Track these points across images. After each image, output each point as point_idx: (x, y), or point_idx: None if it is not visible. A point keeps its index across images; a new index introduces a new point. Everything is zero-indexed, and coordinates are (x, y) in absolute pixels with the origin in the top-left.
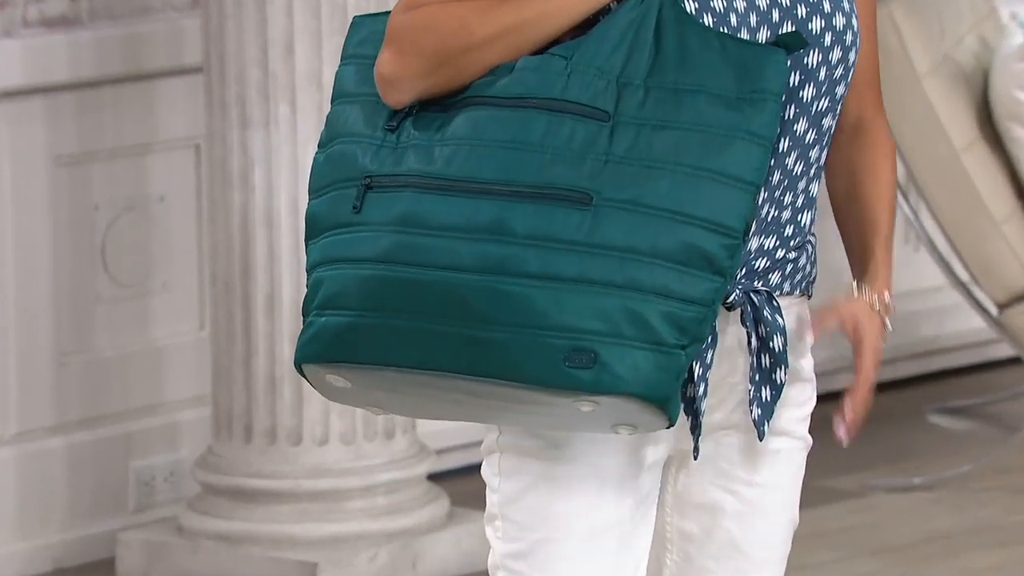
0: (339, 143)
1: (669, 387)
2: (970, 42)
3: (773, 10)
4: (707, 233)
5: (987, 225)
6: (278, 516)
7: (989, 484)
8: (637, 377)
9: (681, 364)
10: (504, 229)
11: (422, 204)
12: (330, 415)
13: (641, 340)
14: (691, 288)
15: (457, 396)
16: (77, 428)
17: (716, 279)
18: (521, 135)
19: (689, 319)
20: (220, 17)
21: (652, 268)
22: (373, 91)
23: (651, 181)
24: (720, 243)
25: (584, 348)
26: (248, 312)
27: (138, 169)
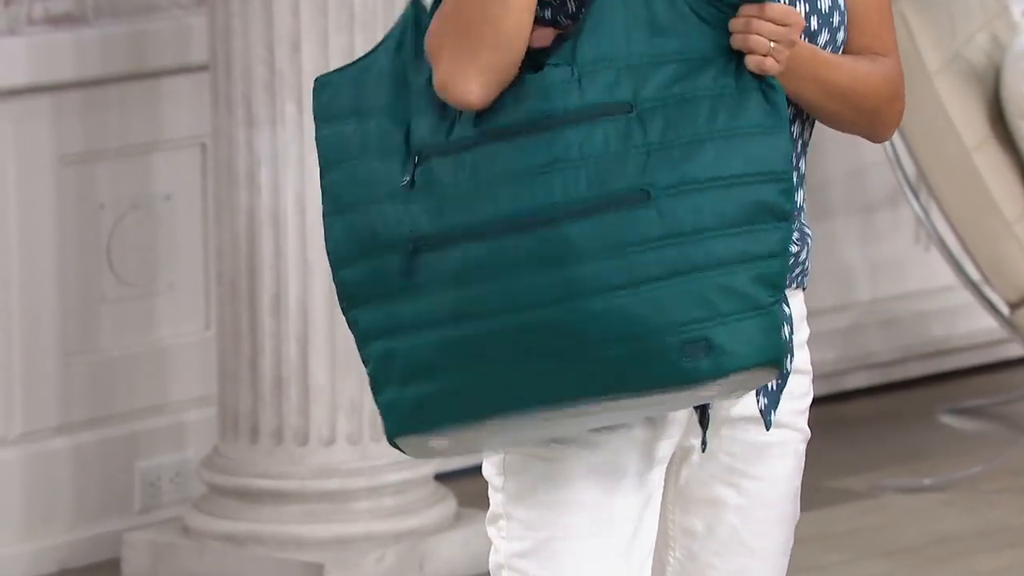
0: (358, 213)
1: (780, 344)
2: (981, 40)
3: None
4: (762, 185)
5: (998, 225)
6: (284, 517)
7: (1000, 485)
8: (752, 348)
9: (780, 317)
10: (573, 252)
11: (478, 252)
12: (337, 416)
13: (742, 310)
14: (766, 243)
15: (564, 419)
16: (82, 428)
17: (782, 225)
18: (559, 155)
19: (775, 273)
20: (226, 15)
21: (726, 239)
22: (370, 148)
23: (695, 156)
24: (776, 190)
25: (695, 339)
26: (254, 312)
27: (144, 168)
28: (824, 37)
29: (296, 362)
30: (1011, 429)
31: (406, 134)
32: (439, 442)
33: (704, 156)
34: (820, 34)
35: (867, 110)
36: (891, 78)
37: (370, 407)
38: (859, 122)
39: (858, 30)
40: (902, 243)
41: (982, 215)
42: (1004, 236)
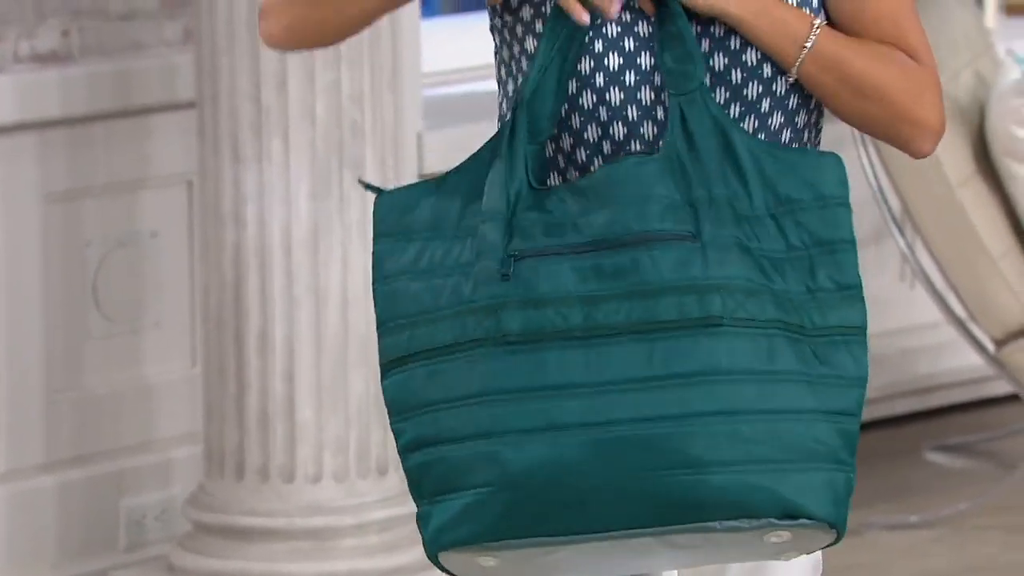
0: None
1: (847, 509)
2: (966, 78)
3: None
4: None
5: (984, 261)
6: (271, 555)
7: (987, 522)
8: (825, 503)
9: (853, 482)
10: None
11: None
12: (323, 453)
13: (826, 462)
14: (845, 402)
15: (623, 548)
16: (68, 466)
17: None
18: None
19: (854, 432)
20: (213, 52)
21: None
22: (436, 263)
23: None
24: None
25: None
26: (240, 349)
27: (130, 205)
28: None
29: (282, 399)
30: (997, 466)
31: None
32: (488, 560)
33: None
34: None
35: (882, 102)
36: (915, 74)
37: (356, 444)
38: (879, 117)
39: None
40: (887, 280)
41: (967, 252)
42: (989, 273)
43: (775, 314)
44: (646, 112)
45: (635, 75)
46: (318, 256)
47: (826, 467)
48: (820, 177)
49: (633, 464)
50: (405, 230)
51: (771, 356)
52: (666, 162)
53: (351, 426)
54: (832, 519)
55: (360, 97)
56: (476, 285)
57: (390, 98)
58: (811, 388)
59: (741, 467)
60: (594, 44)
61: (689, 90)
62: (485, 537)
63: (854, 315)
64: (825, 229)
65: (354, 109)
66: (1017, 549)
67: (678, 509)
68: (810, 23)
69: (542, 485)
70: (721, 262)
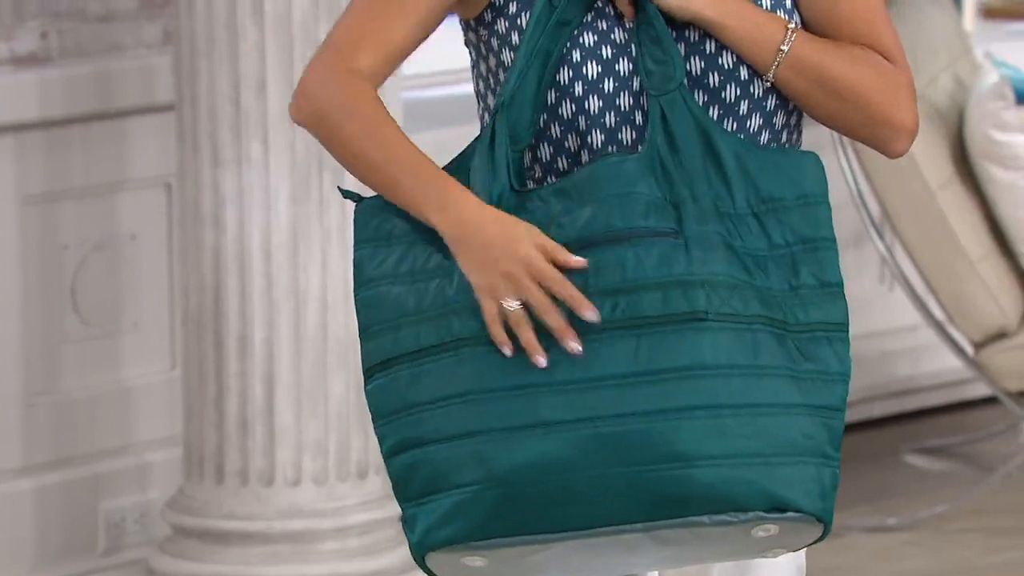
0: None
1: (833, 503)
2: (945, 81)
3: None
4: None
5: (963, 264)
6: (250, 558)
7: (965, 525)
8: (813, 497)
9: (838, 477)
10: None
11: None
12: (302, 456)
13: (813, 456)
14: (831, 398)
15: (612, 545)
16: (46, 470)
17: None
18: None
19: (838, 428)
20: (192, 54)
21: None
22: (414, 267)
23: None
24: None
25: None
26: (220, 352)
27: (108, 208)
28: (734, 92)
29: (262, 402)
30: (975, 469)
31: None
32: (475, 559)
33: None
34: (724, 90)
35: (857, 103)
36: (890, 76)
37: (336, 447)
38: (855, 119)
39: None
40: (867, 282)
41: (946, 255)
42: (968, 276)
43: (759, 310)
44: (624, 118)
45: (614, 82)
46: (298, 259)
47: (812, 461)
48: (801, 176)
49: (620, 459)
50: (386, 236)
51: (756, 351)
52: (647, 160)
53: (331, 429)
54: (819, 512)
55: None
56: (459, 286)
57: None
58: (796, 383)
59: (728, 461)
60: (572, 54)
61: (669, 90)
62: (473, 536)
63: (836, 312)
64: (807, 227)
65: None
66: (995, 552)
67: (666, 504)
68: (785, 27)
69: (530, 482)
70: (704, 258)
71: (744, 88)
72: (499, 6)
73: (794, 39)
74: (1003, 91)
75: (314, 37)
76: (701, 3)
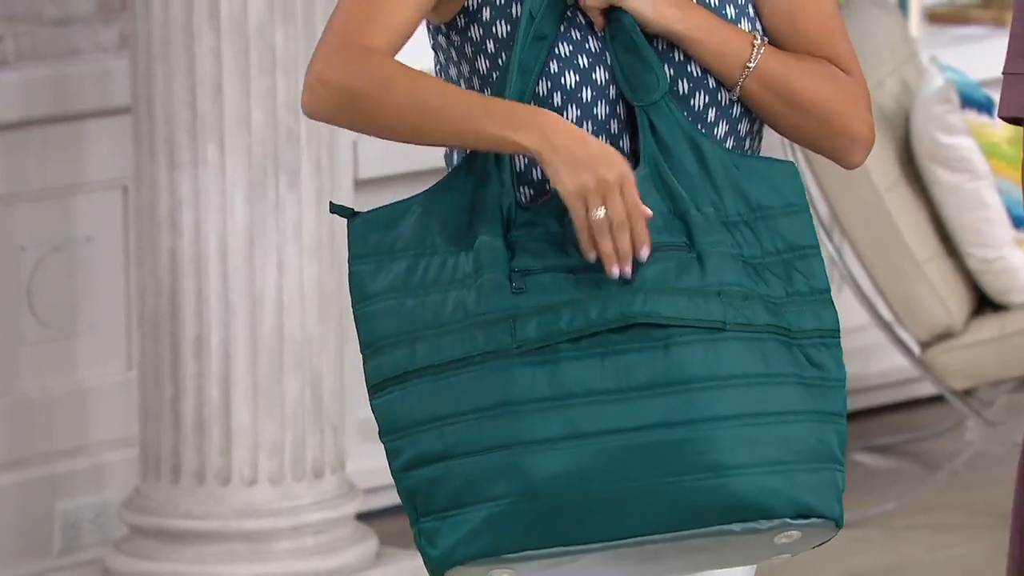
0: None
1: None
2: (891, 85)
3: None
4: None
5: (909, 266)
6: (206, 557)
7: (912, 522)
8: (830, 501)
9: (844, 480)
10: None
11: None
12: (258, 456)
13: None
14: (836, 404)
15: (637, 555)
16: (2, 470)
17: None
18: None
19: (845, 433)
20: (148, 58)
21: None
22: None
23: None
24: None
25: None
26: (176, 353)
27: (65, 210)
28: (703, 99)
29: (218, 403)
30: (923, 467)
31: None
32: (503, 572)
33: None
34: (696, 95)
35: (819, 116)
36: (849, 88)
37: (292, 447)
38: (817, 131)
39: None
40: None
41: (894, 256)
42: (915, 277)
43: (767, 318)
44: (600, 127)
45: (591, 91)
46: (254, 261)
47: (828, 467)
48: (785, 184)
49: (653, 470)
50: (388, 249)
51: (766, 359)
52: (650, 175)
53: (287, 430)
54: (837, 517)
55: (295, 104)
56: (482, 298)
57: None
58: (807, 390)
59: (757, 469)
60: (549, 65)
61: (654, 100)
62: (507, 549)
63: (829, 318)
64: (795, 235)
65: (289, 116)
66: (942, 548)
67: (700, 513)
68: (751, 42)
69: (565, 494)
70: (717, 269)
71: (712, 96)
72: (472, 11)
73: (761, 54)
74: (948, 95)
75: (269, 41)
76: (673, 17)
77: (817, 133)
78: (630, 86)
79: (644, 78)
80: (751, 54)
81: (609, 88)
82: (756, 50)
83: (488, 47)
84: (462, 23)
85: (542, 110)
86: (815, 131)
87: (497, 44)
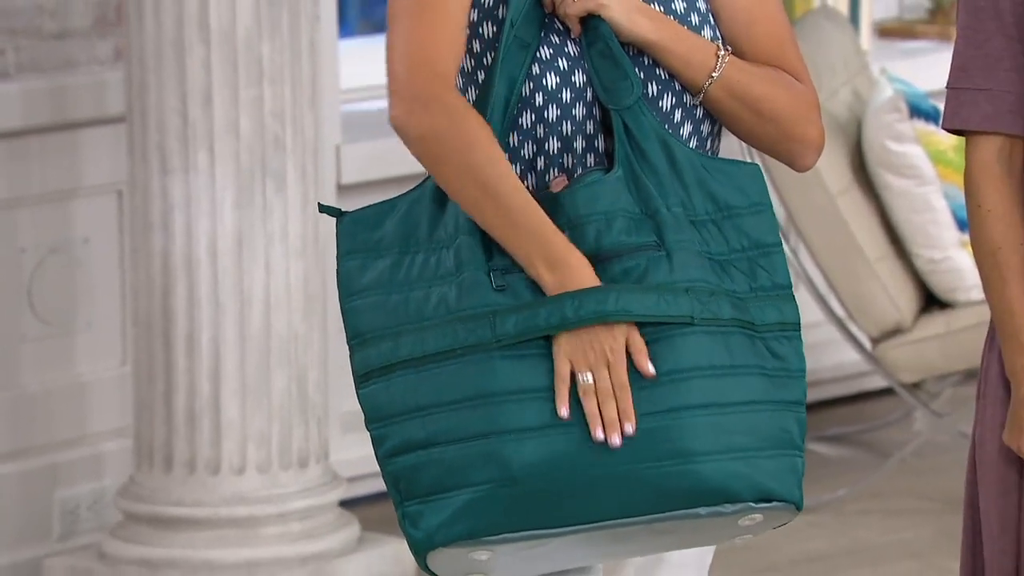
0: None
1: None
2: (844, 95)
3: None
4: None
5: (861, 265)
6: (197, 542)
7: (864, 507)
8: (792, 486)
9: (804, 465)
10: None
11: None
12: (247, 446)
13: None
14: (797, 393)
15: (609, 536)
16: (4, 460)
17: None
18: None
19: (804, 420)
20: (142, 70)
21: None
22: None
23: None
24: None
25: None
26: (168, 349)
27: (63, 214)
28: (669, 100)
29: (208, 396)
30: (873, 455)
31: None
32: (482, 554)
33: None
34: (663, 97)
35: (775, 122)
36: (802, 96)
37: (279, 438)
38: (772, 136)
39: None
40: None
41: (846, 256)
42: (866, 276)
43: (732, 313)
44: (578, 127)
45: (570, 93)
46: (242, 262)
47: (789, 453)
48: (750, 185)
49: (628, 457)
50: (374, 247)
51: (731, 352)
52: (624, 176)
53: (273, 421)
54: (797, 500)
55: (282, 112)
56: (463, 294)
57: (310, 113)
58: (769, 381)
59: (723, 456)
60: (532, 67)
61: (629, 104)
62: (486, 531)
63: (790, 312)
64: (760, 233)
65: (276, 124)
66: (892, 532)
67: (670, 497)
68: (716, 53)
69: (543, 479)
70: (684, 266)
71: (678, 98)
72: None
73: (725, 64)
74: (898, 105)
75: (256, 53)
76: (645, 27)
77: (774, 137)
78: (606, 91)
79: (620, 83)
80: (716, 63)
81: (586, 91)
82: (720, 60)
83: (474, 46)
84: None
85: (577, 258)
86: (772, 135)
87: (483, 44)
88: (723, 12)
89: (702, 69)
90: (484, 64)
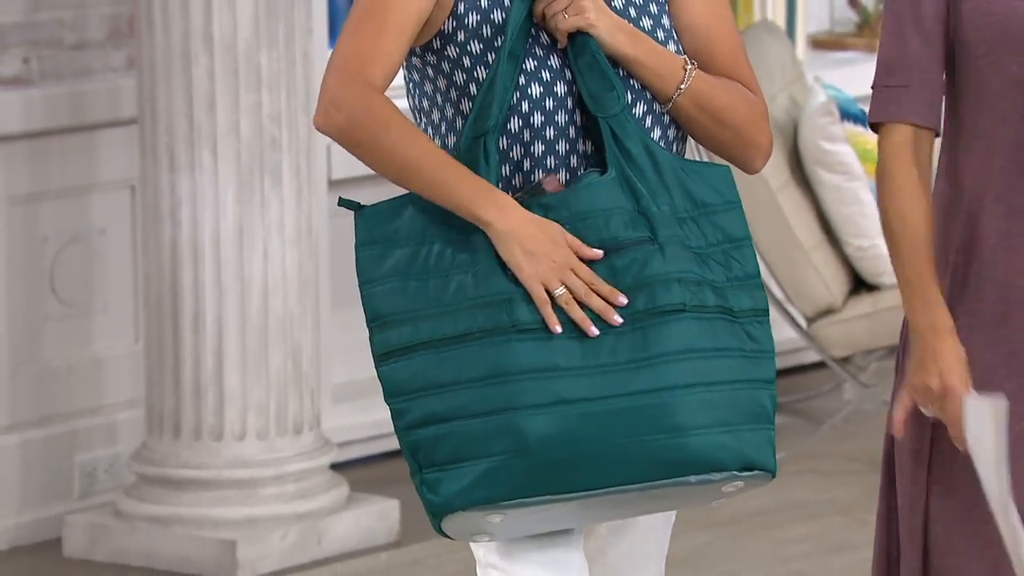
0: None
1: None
2: (782, 100)
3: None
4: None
5: (798, 253)
6: (202, 501)
7: (801, 468)
8: (769, 456)
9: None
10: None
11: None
12: (247, 415)
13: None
14: (770, 372)
15: (609, 501)
16: (29, 427)
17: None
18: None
19: (776, 397)
20: (152, 77)
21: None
22: (420, 269)
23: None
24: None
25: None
26: (177, 329)
27: (82, 207)
28: (641, 108)
29: (212, 370)
30: (809, 422)
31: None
32: (495, 517)
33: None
34: (637, 105)
35: (733, 129)
36: (756, 106)
37: (276, 408)
38: (730, 141)
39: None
40: None
41: (784, 245)
42: (802, 262)
43: (715, 300)
44: (561, 132)
45: (553, 101)
46: (242, 251)
47: (765, 427)
48: (722, 184)
49: (627, 431)
50: (391, 237)
51: (716, 336)
52: (617, 178)
53: (271, 392)
54: (773, 469)
55: (278, 116)
56: (480, 282)
57: (304, 116)
58: (748, 361)
59: (712, 430)
60: (518, 78)
61: (615, 112)
62: (502, 497)
63: (760, 298)
64: (733, 227)
65: (273, 126)
66: (824, 491)
67: (664, 467)
68: (684, 66)
69: (554, 451)
70: (675, 258)
71: (649, 106)
72: (448, 34)
73: (692, 77)
74: (830, 109)
75: (255, 62)
76: (624, 43)
77: (731, 143)
78: (593, 99)
79: (606, 93)
80: (684, 76)
81: (567, 99)
82: (688, 73)
83: (464, 62)
84: (438, 44)
85: (500, 193)
86: (728, 141)
87: (472, 59)
88: (686, 30)
89: (672, 81)
90: (476, 77)
